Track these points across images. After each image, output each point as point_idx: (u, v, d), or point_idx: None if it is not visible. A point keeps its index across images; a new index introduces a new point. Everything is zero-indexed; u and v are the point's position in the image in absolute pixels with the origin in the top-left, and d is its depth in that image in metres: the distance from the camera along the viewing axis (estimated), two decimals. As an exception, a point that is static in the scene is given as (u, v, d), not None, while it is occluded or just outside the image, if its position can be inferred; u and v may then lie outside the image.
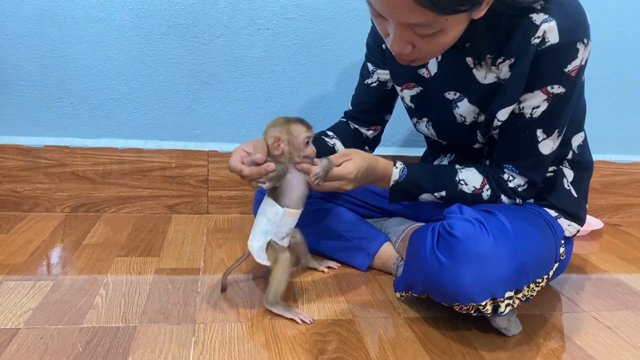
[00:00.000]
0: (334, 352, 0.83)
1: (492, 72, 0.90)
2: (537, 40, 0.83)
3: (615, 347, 0.91)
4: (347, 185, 0.92)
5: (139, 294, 0.97)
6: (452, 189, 0.97)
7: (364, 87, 1.14)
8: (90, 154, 1.35)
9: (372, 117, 1.16)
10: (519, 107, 0.91)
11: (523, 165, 0.95)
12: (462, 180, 0.97)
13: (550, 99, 0.88)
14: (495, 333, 0.92)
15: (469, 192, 0.97)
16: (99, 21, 1.29)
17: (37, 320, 0.86)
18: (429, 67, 0.99)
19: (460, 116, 0.98)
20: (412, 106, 1.06)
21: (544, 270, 0.92)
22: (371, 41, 1.11)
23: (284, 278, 0.92)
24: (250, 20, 1.34)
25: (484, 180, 0.97)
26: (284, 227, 0.92)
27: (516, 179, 0.96)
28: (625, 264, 1.31)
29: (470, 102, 0.95)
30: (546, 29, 0.82)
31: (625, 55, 1.54)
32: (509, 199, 0.98)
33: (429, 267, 0.84)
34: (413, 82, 1.03)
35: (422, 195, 0.99)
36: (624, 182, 1.65)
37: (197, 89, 1.37)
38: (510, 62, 0.88)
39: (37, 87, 1.31)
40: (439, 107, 1.00)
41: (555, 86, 0.87)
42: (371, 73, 1.11)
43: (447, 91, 0.98)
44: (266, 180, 0.87)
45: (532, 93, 0.88)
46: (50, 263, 1.08)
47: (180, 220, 1.38)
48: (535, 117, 0.90)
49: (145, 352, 0.79)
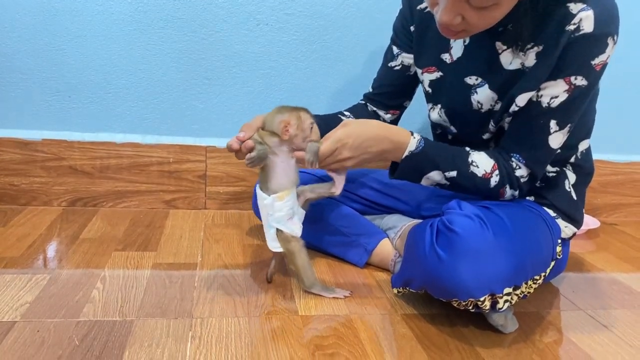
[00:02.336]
0: (330, 348, 0.83)
1: (519, 58, 0.91)
2: (571, 27, 0.84)
3: (611, 345, 0.91)
4: (344, 153, 0.90)
5: (136, 288, 0.97)
6: (464, 170, 0.94)
7: (387, 69, 1.14)
8: (88, 148, 1.35)
9: (392, 101, 1.16)
10: (537, 95, 0.91)
11: (530, 156, 0.94)
12: (474, 162, 0.95)
13: (571, 91, 0.88)
14: (492, 330, 0.92)
15: (479, 175, 0.94)
16: (97, 15, 1.28)
17: (34, 314, 0.86)
18: (452, 52, 1.00)
19: (477, 102, 0.97)
20: (430, 91, 1.07)
21: (541, 268, 0.92)
22: (399, 24, 1.11)
23: (303, 262, 0.96)
24: (249, 15, 1.34)
25: (495, 165, 0.95)
26: (279, 212, 0.93)
27: (521, 169, 0.95)
28: (622, 263, 1.32)
29: (490, 88, 0.95)
30: (583, 17, 0.83)
31: (622, 54, 1.54)
32: (511, 189, 0.96)
33: (428, 263, 0.84)
34: (434, 67, 1.04)
35: (431, 173, 0.94)
36: (620, 181, 1.66)
37: (196, 83, 1.37)
38: (539, 49, 0.88)
39: (35, 81, 1.30)
40: (456, 93, 1.00)
41: (578, 77, 0.87)
42: (395, 56, 1.12)
43: (469, 76, 0.97)
44: (247, 161, 0.89)
45: (554, 81, 0.88)
46: (47, 257, 1.08)
47: (177, 216, 1.38)
48: (552, 107, 0.90)
49: (142, 347, 0.79)
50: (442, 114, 1.05)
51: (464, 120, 1.02)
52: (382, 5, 1.38)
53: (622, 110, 1.60)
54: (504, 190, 0.97)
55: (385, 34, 1.17)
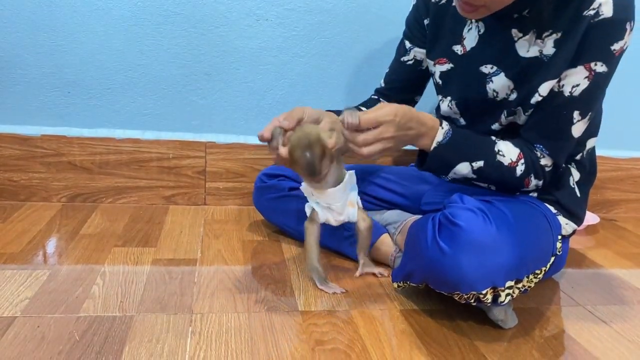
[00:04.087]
0: (330, 343, 0.83)
1: (536, 46, 0.91)
2: (591, 12, 0.85)
3: (610, 341, 0.92)
4: (389, 131, 0.85)
5: (136, 284, 0.97)
6: (490, 159, 0.93)
7: (399, 64, 1.15)
8: (88, 144, 1.34)
9: (403, 96, 1.16)
10: (558, 85, 0.91)
11: (554, 146, 0.94)
12: (500, 150, 0.94)
13: (592, 78, 0.88)
14: (491, 325, 0.92)
15: (505, 164, 0.93)
16: (97, 10, 1.28)
17: (34, 309, 0.86)
18: (465, 43, 1.00)
19: (493, 91, 0.97)
20: (440, 82, 1.07)
21: (542, 262, 0.92)
22: (412, 18, 1.12)
23: (309, 247, 0.99)
24: (249, 11, 1.34)
25: (520, 154, 0.94)
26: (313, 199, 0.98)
27: (545, 159, 0.95)
28: (621, 259, 1.32)
29: (506, 77, 0.95)
30: (602, 1, 0.84)
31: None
32: (535, 178, 0.96)
33: (430, 255, 0.84)
34: (445, 58, 1.04)
35: (459, 165, 0.93)
36: (620, 177, 1.66)
37: (196, 79, 1.37)
38: (557, 36, 0.88)
39: (34, 76, 1.30)
40: (471, 82, 1.00)
41: (599, 63, 0.87)
42: (408, 50, 1.13)
43: (484, 64, 0.97)
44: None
45: (575, 69, 0.89)
46: (47, 252, 1.08)
47: (177, 212, 1.37)
48: (575, 96, 0.90)
49: (142, 342, 0.79)
50: (452, 105, 1.05)
51: (476, 110, 1.02)
52: (382, 1, 1.38)
53: (623, 107, 1.59)
54: (529, 180, 0.96)
55: (385, 30, 1.17)
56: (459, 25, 1.01)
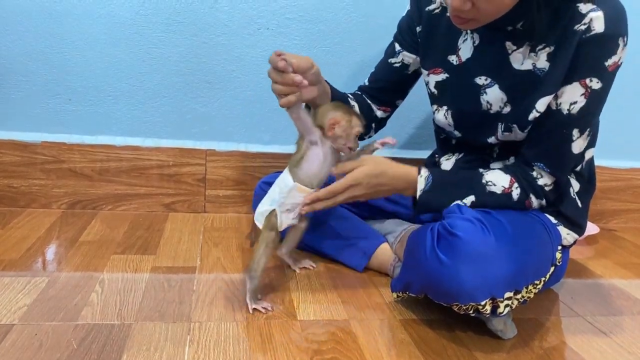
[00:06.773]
0: (329, 353, 0.83)
1: (530, 59, 0.91)
2: (582, 27, 0.85)
3: (610, 352, 0.91)
4: (357, 192, 0.93)
5: (135, 292, 0.97)
6: (480, 192, 0.94)
7: (386, 65, 1.15)
8: (88, 151, 1.35)
9: (385, 97, 1.17)
10: (556, 103, 0.91)
11: (554, 164, 0.94)
12: (489, 181, 0.95)
13: (588, 95, 0.88)
14: (490, 336, 0.92)
15: (498, 192, 0.94)
16: (98, 18, 1.28)
17: (32, 317, 0.86)
18: (460, 54, 1.00)
19: (487, 103, 0.98)
20: (435, 92, 1.07)
21: (541, 272, 0.92)
22: (405, 24, 1.12)
23: (263, 255, 0.94)
24: (250, 20, 1.34)
25: (512, 179, 0.95)
26: (289, 199, 0.94)
27: (544, 178, 0.95)
28: (621, 269, 1.32)
29: (500, 89, 0.96)
30: (593, 17, 0.84)
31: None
32: (537, 198, 0.96)
33: (429, 266, 0.84)
34: (440, 68, 1.04)
35: (451, 205, 0.93)
36: (620, 187, 1.66)
37: (196, 87, 1.37)
38: (550, 50, 0.89)
39: (35, 83, 1.30)
40: (465, 93, 1.00)
41: (594, 80, 0.87)
42: (397, 53, 1.13)
43: (478, 76, 0.98)
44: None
45: (570, 85, 0.89)
46: (46, 259, 1.08)
47: (177, 219, 1.37)
48: (573, 114, 0.90)
49: (140, 350, 0.79)
50: (448, 115, 1.05)
51: (471, 122, 1.02)
52: (382, 10, 1.38)
53: (622, 117, 1.60)
54: (529, 201, 0.96)
55: (385, 39, 1.17)
56: (455, 35, 1.01)
